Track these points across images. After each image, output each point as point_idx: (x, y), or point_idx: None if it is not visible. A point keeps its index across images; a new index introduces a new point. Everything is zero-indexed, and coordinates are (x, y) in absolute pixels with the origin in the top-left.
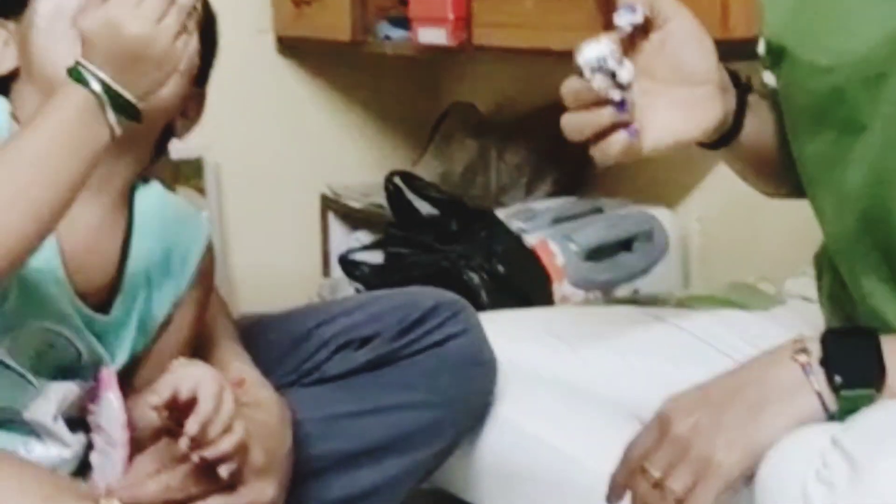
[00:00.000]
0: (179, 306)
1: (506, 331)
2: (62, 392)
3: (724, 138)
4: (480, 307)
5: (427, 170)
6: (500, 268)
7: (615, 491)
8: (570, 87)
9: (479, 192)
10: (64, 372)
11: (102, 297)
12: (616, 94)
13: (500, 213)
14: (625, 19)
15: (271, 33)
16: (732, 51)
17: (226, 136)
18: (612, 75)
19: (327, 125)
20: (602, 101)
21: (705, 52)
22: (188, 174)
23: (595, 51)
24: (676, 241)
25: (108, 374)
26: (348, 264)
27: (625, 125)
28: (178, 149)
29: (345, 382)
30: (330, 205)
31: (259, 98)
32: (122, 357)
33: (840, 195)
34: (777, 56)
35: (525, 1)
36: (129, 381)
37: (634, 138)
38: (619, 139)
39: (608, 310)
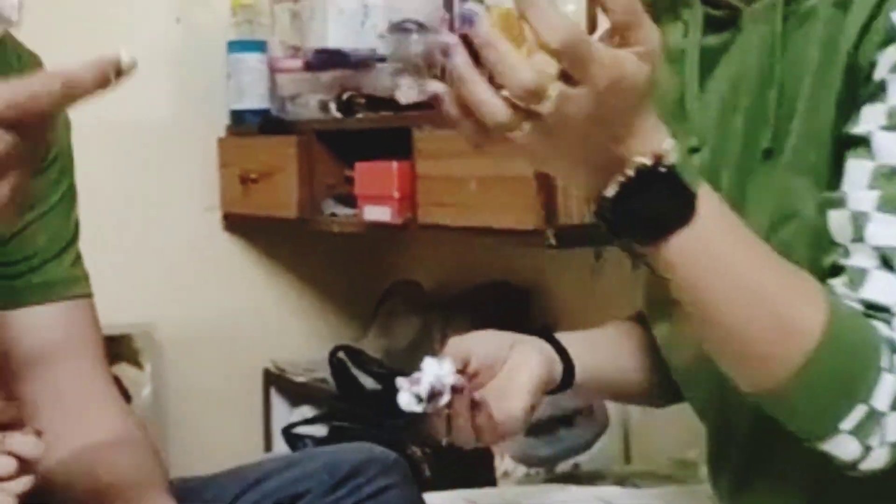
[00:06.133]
0: None
1: None
2: None
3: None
4: (423, 481)
5: (371, 345)
6: (444, 442)
7: None
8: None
9: None
10: None
11: None
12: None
13: None
14: (410, 405)
15: (219, 210)
16: None
17: (170, 312)
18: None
19: (272, 301)
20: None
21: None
22: (131, 349)
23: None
24: (617, 416)
25: None
26: (292, 437)
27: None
28: (122, 323)
29: None
30: (273, 380)
31: (205, 274)
32: None
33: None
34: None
35: (468, 182)
36: None
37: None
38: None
39: (548, 489)
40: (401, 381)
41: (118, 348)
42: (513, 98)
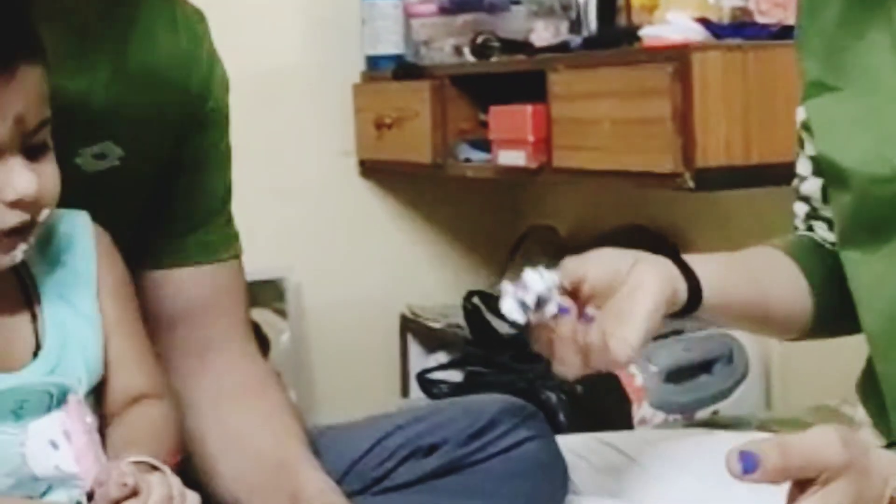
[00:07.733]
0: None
1: (583, 454)
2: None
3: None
4: (558, 427)
5: None
6: (579, 388)
7: None
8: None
9: None
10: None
11: None
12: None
13: None
14: (515, 312)
15: (354, 156)
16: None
17: (307, 257)
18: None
19: (408, 246)
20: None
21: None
22: (269, 295)
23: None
24: (757, 363)
25: (74, 400)
26: (427, 382)
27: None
28: (259, 270)
29: (414, 490)
30: (409, 325)
31: (340, 219)
32: (83, 377)
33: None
34: (837, 175)
35: (602, 123)
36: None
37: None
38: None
39: (688, 433)
40: (506, 286)
41: (257, 294)
42: None
